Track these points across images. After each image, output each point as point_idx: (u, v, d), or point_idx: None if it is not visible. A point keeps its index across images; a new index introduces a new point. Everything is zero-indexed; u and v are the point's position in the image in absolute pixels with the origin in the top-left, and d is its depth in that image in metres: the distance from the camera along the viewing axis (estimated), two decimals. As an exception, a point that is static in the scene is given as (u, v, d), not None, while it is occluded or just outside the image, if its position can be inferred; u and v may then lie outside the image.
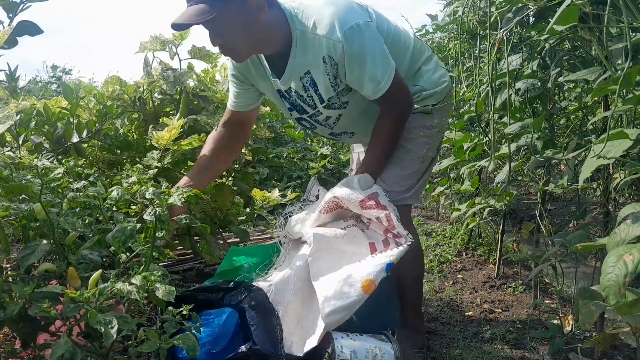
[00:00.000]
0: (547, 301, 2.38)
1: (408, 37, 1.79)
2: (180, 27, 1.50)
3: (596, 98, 1.64)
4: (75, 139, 2.06)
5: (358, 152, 2.13)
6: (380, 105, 1.67)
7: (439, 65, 1.85)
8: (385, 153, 1.71)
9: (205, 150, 1.88)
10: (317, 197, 1.84)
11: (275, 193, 2.53)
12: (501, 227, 2.67)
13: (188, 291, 1.73)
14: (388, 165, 1.74)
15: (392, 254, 1.54)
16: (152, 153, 2.05)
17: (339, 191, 1.64)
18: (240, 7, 1.47)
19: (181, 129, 2.02)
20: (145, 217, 1.22)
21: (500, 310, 2.34)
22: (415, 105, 1.73)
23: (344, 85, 1.62)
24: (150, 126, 2.20)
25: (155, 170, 1.96)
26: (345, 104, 1.68)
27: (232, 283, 1.73)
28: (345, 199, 1.62)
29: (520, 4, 1.35)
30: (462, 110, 2.17)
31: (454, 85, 1.87)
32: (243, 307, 1.60)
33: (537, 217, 2.24)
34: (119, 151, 2.24)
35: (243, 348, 1.44)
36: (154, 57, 2.32)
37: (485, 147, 2.21)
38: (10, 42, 1.27)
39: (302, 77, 1.61)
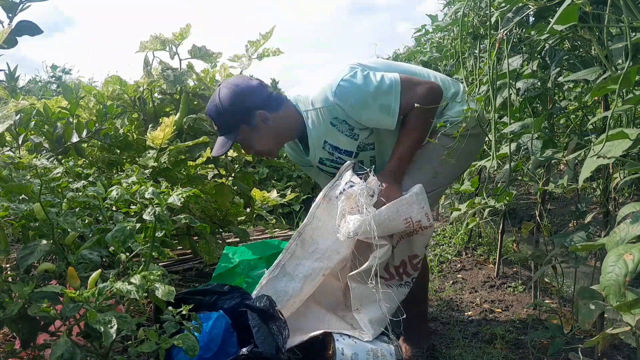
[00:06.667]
0: (547, 301, 2.38)
1: (429, 76, 1.84)
2: (217, 156, 1.86)
3: (596, 98, 1.64)
4: (75, 138, 2.06)
5: None
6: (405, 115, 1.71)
7: (464, 100, 1.82)
8: (418, 137, 1.72)
9: None
10: (351, 183, 1.71)
11: (274, 193, 2.52)
12: (501, 227, 2.67)
13: (180, 294, 1.70)
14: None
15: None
16: (149, 152, 2.04)
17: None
18: (250, 127, 1.73)
19: (180, 129, 2.02)
20: (144, 217, 1.22)
21: (500, 310, 2.34)
22: (445, 125, 1.71)
23: (365, 132, 1.75)
24: (150, 125, 2.20)
25: (151, 169, 1.96)
26: (371, 145, 1.80)
27: (226, 287, 1.71)
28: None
29: (520, 4, 1.35)
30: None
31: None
32: (241, 310, 1.59)
33: (537, 217, 2.24)
34: (118, 151, 2.24)
35: (244, 350, 1.42)
36: (154, 56, 2.31)
37: (485, 147, 2.21)
38: (10, 42, 1.27)
39: (322, 146, 1.81)
